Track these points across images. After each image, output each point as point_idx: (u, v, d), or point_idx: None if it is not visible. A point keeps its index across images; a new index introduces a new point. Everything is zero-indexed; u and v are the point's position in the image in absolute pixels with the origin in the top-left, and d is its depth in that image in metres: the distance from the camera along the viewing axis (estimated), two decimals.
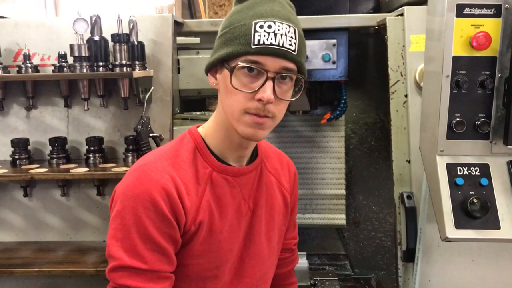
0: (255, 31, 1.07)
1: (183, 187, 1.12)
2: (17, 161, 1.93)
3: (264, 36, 1.07)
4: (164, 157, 1.16)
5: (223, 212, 1.19)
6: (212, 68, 1.18)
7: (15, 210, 2.02)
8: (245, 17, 1.11)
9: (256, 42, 1.07)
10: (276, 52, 1.07)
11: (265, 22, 1.08)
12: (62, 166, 1.89)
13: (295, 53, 1.10)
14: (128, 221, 1.08)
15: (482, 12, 1.22)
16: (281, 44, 1.07)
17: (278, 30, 1.08)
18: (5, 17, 2.19)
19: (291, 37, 1.09)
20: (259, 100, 1.07)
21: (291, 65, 1.10)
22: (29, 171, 1.82)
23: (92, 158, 1.92)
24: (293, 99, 1.16)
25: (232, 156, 1.22)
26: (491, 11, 1.22)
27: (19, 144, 1.93)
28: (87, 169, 1.84)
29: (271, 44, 1.07)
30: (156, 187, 1.08)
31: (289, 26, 1.09)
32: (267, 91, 1.06)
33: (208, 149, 1.20)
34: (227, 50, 1.11)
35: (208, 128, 1.23)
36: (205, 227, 1.15)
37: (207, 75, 1.21)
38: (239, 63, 1.08)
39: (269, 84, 1.07)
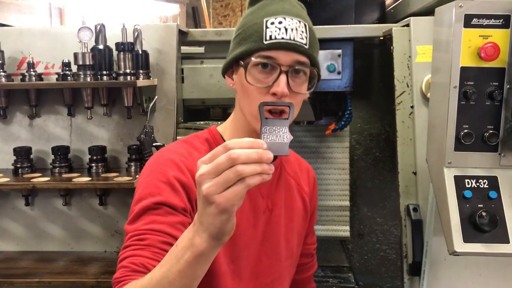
0: (267, 27, 1.11)
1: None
2: (19, 170, 1.92)
3: (276, 31, 1.11)
4: (177, 145, 1.22)
5: (240, 208, 1.18)
6: (229, 69, 1.22)
7: (16, 219, 2.00)
8: (257, 16, 1.15)
9: (268, 38, 1.11)
10: (288, 46, 1.10)
11: (275, 18, 1.12)
12: (65, 175, 1.88)
13: (306, 47, 1.13)
14: (143, 191, 1.10)
15: (490, 23, 1.21)
16: (292, 38, 1.11)
17: (289, 25, 1.11)
18: (10, 25, 2.19)
19: (302, 32, 1.13)
20: (274, 94, 1.10)
21: (304, 59, 1.13)
22: (31, 180, 1.80)
23: (94, 167, 1.91)
24: (308, 92, 1.18)
25: None
26: (499, 22, 1.20)
27: (22, 153, 1.92)
28: (89, 178, 1.83)
29: (282, 38, 1.10)
30: (169, 164, 1.12)
31: (299, 22, 1.13)
32: (281, 84, 1.09)
33: None
34: (241, 49, 1.15)
35: (226, 126, 1.27)
36: None
37: (224, 77, 1.25)
38: (253, 58, 1.12)
39: (283, 77, 1.10)
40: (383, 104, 2.37)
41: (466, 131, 1.23)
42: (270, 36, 1.11)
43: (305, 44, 1.13)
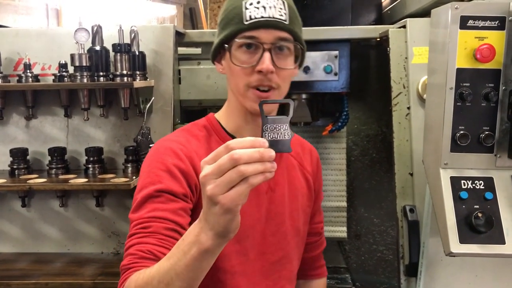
0: (246, 8, 1.16)
1: (198, 159, 1.16)
2: (16, 171, 1.91)
3: (255, 11, 1.15)
4: (176, 134, 1.27)
5: None
6: (217, 55, 1.26)
7: (12, 220, 2.00)
8: (236, 0, 1.20)
9: (248, 18, 1.15)
10: (268, 23, 1.14)
11: None
12: (61, 177, 1.88)
13: (286, 23, 1.16)
14: (144, 180, 1.14)
15: (486, 25, 1.21)
16: (271, 16, 1.15)
17: (267, 3, 1.16)
18: (6, 26, 2.19)
19: (281, 8, 1.16)
20: (260, 72, 1.14)
21: (285, 35, 1.17)
22: (27, 181, 1.80)
23: (91, 169, 1.91)
24: (295, 67, 1.22)
25: (250, 134, 1.22)
26: (495, 24, 1.21)
27: (18, 154, 1.92)
28: (86, 179, 1.83)
29: (262, 17, 1.14)
30: (168, 153, 1.16)
31: None
32: (265, 61, 1.13)
33: (224, 130, 1.27)
34: (224, 33, 1.20)
35: (222, 112, 1.31)
36: None
37: (214, 64, 1.29)
38: (236, 40, 1.16)
39: (267, 55, 1.14)
40: (380, 105, 2.37)
41: (462, 132, 1.23)
42: (250, 16, 1.15)
43: (285, 20, 1.16)
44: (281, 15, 1.16)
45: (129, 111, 1.90)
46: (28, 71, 1.87)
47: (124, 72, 1.83)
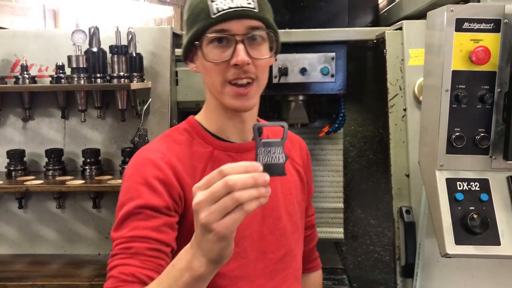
0: (212, 1, 1.10)
1: (180, 165, 1.12)
2: (13, 173, 1.91)
3: (221, 3, 1.09)
4: (157, 142, 1.21)
5: None
6: (188, 54, 1.20)
7: (9, 222, 2.00)
8: None
9: (215, 11, 1.09)
10: (236, 14, 1.09)
11: None
12: (58, 178, 1.88)
13: (256, 10, 1.11)
14: (124, 196, 1.10)
15: (481, 27, 1.21)
16: (239, 5, 1.09)
17: None
18: (3, 28, 2.18)
19: None
20: (235, 65, 1.09)
21: (256, 23, 1.11)
22: (24, 183, 1.80)
23: (88, 170, 1.91)
24: (269, 56, 1.15)
25: (233, 132, 1.21)
26: (490, 26, 1.21)
27: (15, 156, 1.92)
28: (83, 181, 1.83)
29: (229, 8, 1.09)
30: (146, 164, 1.11)
31: None
32: (240, 54, 1.08)
33: (207, 131, 1.21)
34: (192, 30, 1.14)
35: (202, 113, 1.26)
36: None
37: (186, 63, 1.23)
38: (206, 35, 1.11)
39: (240, 47, 1.09)
40: (377, 106, 2.38)
41: (457, 134, 1.24)
42: (217, 9, 1.09)
43: (254, 8, 1.11)
44: (249, 3, 1.10)
45: (126, 113, 1.91)
46: (25, 72, 1.87)
47: (121, 73, 1.83)
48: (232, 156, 1.19)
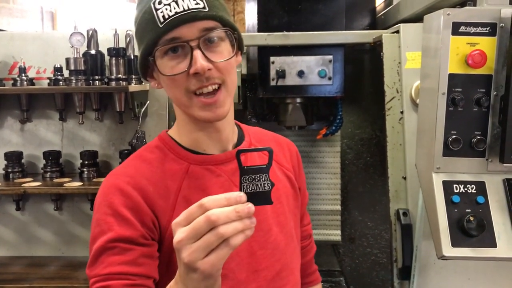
0: (156, 10, 1.00)
1: (151, 187, 1.04)
2: (10, 175, 1.91)
3: (166, 9, 0.99)
4: (126, 164, 1.11)
5: None
6: (146, 71, 1.10)
7: (6, 224, 2.00)
8: (144, 4, 1.04)
9: (162, 20, 0.99)
10: (184, 18, 0.99)
11: None
12: (56, 180, 1.88)
13: (206, 10, 1.01)
14: (94, 229, 1.02)
15: (478, 31, 1.22)
16: (186, 8, 0.99)
17: None
18: (1, 30, 2.19)
19: None
20: (196, 74, 0.99)
21: (209, 23, 1.01)
22: (22, 185, 1.80)
23: (86, 172, 1.91)
24: (232, 55, 1.05)
25: (209, 144, 1.12)
26: (486, 30, 1.22)
27: (13, 158, 1.92)
28: (81, 183, 1.83)
29: (176, 13, 0.99)
30: (113, 191, 1.02)
31: None
32: (198, 61, 0.98)
33: (181, 146, 1.12)
34: (143, 45, 1.04)
35: (175, 127, 1.17)
36: None
37: (147, 80, 1.14)
38: (158, 48, 1.01)
39: (197, 53, 0.99)
40: (374, 109, 2.39)
41: (454, 137, 1.24)
42: (163, 16, 0.99)
43: (204, 8, 1.00)
44: (197, 3, 1.00)
45: (124, 115, 1.91)
46: (23, 74, 1.88)
47: (120, 76, 1.83)
48: (210, 169, 1.10)
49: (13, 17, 5.40)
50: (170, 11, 0.99)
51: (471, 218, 1.20)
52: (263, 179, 0.82)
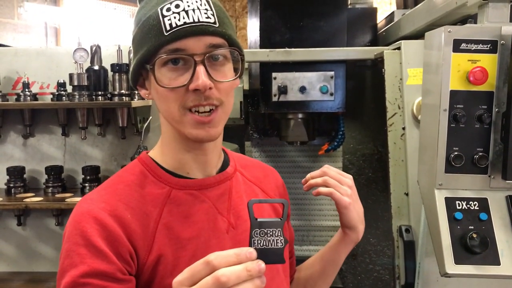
0: (163, 16, 0.93)
1: (129, 213, 0.95)
2: (12, 190, 1.91)
3: (175, 17, 0.93)
4: (102, 187, 1.01)
5: (194, 231, 1.00)
6: (138, 79, 1.03)
7: (7, 239, 1.99)
8: (149, 8, 0.97)
9: (168, 28, 0.93)
10: (194, 30, 0.93)
11: (171, 3, 0.94)
12: (58, 195, 1.88)
13: (216, 26, 0.95)
14: (64, 260, 0.93)
15: (479, 48, 1.23)
16: (196, 20, 0.93)
17: (188, 6, 0.94)
18: (6, 45, 2.21)
19: (206, 10, 0.95)
20: (196, 90, 0.93)
21: (217, 40, 0.95)
22: (23, 200, 1.80)
23: (88, 187, 1.91)
24: (236, 77, 1.01)
25: (193, 167, 1.05)
26: (487, 47, 1.23)
27: (15, 172, 1.92)
28: None
29: (185, 23, 0.92)
30: (87, 219, 0.92)
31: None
32: (200, 77, 0.92)
33: (162, 168, 1.04)
34: (142, 50, 0.97)
35: (157, 148, 1.09)
36: (170, 252, 0.96)
37: (136, 89, 1.07)
38: (159, 56, 0.94)
39: (200, 69, 0.92)
40: (376, 124, 2.39)
41: (456, 153, 1.24)
42: (170, 25, 0.92)
43: (214, 23, 0.95)
44: (208, 18, 0.94)
45: (126, 130, 1.92)
46: (26, 90, 1.89)
47: (122, 91, 1.84)
48: (194, 194, 1.02)
49: (17, 32, 5.46)
50: (179, 20, 0.93)
51: (474, 235, 1.19)
52: (276, 235, 0.75)
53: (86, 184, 1.91)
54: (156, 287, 0.94)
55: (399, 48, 1.78)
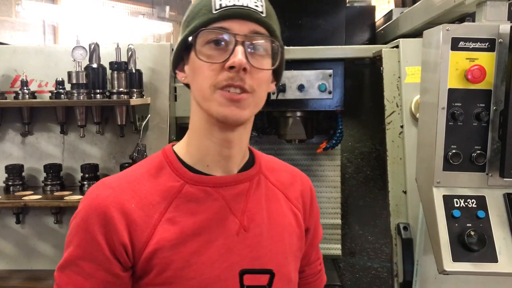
0: None
1: (134, 202, 0.96)
2: (11, 188, 1.91)
3: None
4: (121, 173, 1.05)
5: (199, 228, 0.98)
6: (179, 62, 1.05)
7: (6, 237, 1.99)
8: None
9: (217, 7, 0.95)
10: (242, 12, 0.95)
11: None
12: (56, 193, 1.88)
13: (263, 15, 0.97)
14: (70, 232, 0.98)
15: (477, 46, 1.23)
16: (245, 5, 0.95)
17: None
18: (4, 43, 2.20)
19: (256, 0, 0.97)
20: (231, 68, 0.93)
21: (261, 29, 0.97)
22: (22, 198, 1.80)
23: (86, 186, 1.91)
24: (272, 68, 1.01)
25: (215, 160, 1.03)
26: (485, 45, 1.23)
27: (13, 171, 1.92)
28: (81, 196, 1.83)
29: (234, 5, 0.95)
30: (94, 208, 0.95)
31: None
32: (237, 55, 0.92)
33: (182, 162, 1.03)
34: (189, 28, 0.99)
35: (183, 140, 1.08)
36: (169, 246, 0.95)
37: (175, 73, 1.08)
38: (202, 30, 0.95)
39: (240, 48, 0.93)
40: (374, 122, 2.39)
41: (454, 151, 1.25)
42: (220, 5, 0.95)
43: (261, 12, 0.97)
44: (257, 6, 0.96)
45: (125, 128, 1.91)
46: (25, 88, 1.89)
47: (121, 89, 1.84)
48: (207, 191, 1.00)
49: (15, 30, 5.44)
50: (229, 1, 0.95)
51: (472, 233, 1.20)
52: None
53: (85, 182, 1.91)
54: (151, 281, 0.95)
55: (397, 47, 1.78)
